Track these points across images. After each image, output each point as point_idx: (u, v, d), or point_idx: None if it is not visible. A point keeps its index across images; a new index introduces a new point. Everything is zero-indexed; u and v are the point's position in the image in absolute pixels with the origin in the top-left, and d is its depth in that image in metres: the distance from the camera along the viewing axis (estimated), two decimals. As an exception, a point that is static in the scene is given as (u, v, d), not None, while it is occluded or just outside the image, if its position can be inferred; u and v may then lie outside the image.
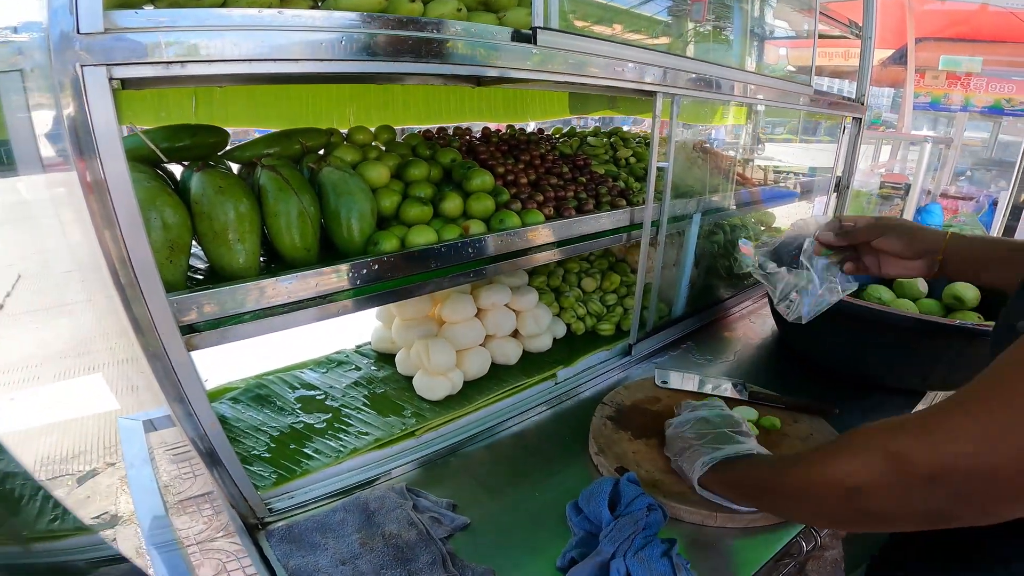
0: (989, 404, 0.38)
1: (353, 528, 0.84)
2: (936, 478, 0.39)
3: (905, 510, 0.43)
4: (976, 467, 0.37)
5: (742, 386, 1.21)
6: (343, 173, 0.90)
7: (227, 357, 1.10)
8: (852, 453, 0.47)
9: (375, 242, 0.89)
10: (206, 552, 0.92)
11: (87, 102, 0.52)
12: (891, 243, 0.90)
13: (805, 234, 1.00)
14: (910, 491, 0.41)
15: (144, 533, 0.90)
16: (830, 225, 0.97)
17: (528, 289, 1.37)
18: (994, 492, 0.38)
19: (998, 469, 0.37)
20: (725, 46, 1.51)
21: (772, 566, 0.82)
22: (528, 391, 1.23)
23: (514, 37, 0.86)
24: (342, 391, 1.22)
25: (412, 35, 0.73)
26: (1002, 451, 0.36)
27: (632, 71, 1.05)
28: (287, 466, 0.97)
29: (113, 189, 0.56)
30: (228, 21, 0.58)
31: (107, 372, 3.14)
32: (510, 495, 0.94)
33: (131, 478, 1.02)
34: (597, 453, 0.99)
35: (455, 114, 1.46)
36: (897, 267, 0.92)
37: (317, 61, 0.65)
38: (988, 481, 0.38)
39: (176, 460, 1.15)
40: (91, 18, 0.49)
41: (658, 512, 0.81)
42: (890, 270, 0.93)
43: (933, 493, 0.40)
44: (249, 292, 0.74)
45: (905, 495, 0.41)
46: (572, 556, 0.78)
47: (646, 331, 1.44)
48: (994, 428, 0.37)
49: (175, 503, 1.09)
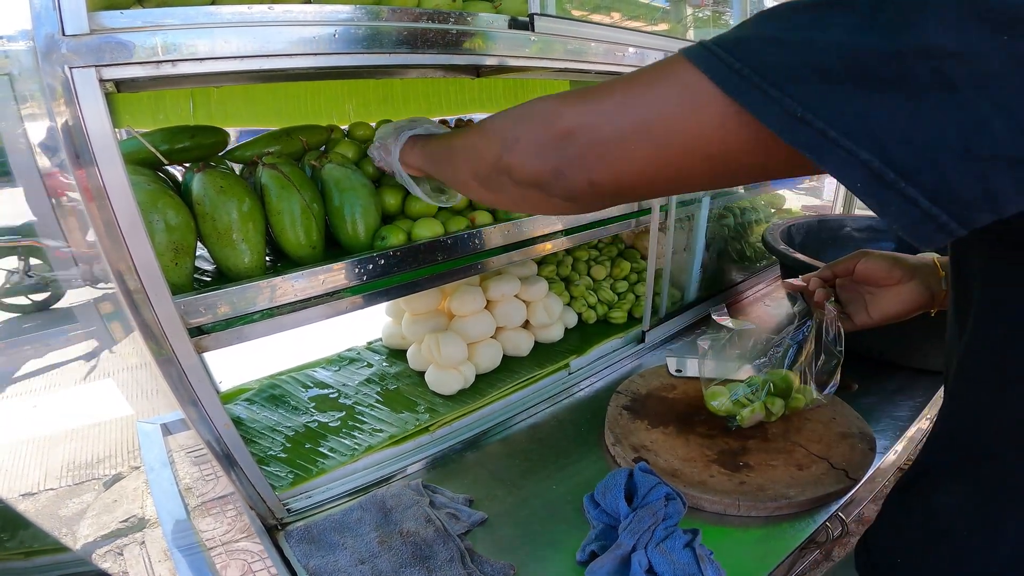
0: (627, 87, 0.42)
1: (371, 527, 0.84)
2: (568, 135, 0.44)
3: (536, 167, 0.47)
4: (597, 131, 0.43)
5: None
6: (345, 169, 0.89)
7: (242, 358, 1.11)
8: (519, 112, 0.52)
9: (382, 237, 0.88)
10: (231, 553, 0.93)
11: (79, 105, 0.51)
12: (872, 266, 0.80)
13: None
14: (545, 149, 0.46)
15: (167, 536, 0.90)
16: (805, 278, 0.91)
17: (537, 279, 1.36)
18: (601, 156, 0.43)
19: (608, 139, 0.42)
20: (725, 30, 1.48)
21: (797, 554, 0.80)
22: (541, 382, 1.22)
23: (511, 24, 0.84)
24: (355, 388, 1.22)
25: (407, 26, 0.72)
26: (616, 123, 0.41)
27: (633, 56, 1.03)
28: (303, 466, 0.96)
29: (112, 193, 0.56)
30: (218, 18, 0.57)
31: (122, 377, 3.18)
32: (527, 488, 0.93)
33: (152, 482, 1.03)
34: (613, 443, 0.98)
35: (456, 106, 1.44)
36: (887, 301, 0.80)
37: (311, 56, 0.64)
38: (599, 145, 0.43)
39: (198, 462, 1.16)
40: (76, 19, 0.48)
41: (677, 502, 0.80)
42: (881, 307, 0.81)
43: (559, 149, 0.45)
44: (256, 291, 0.74)
45: (540, 152, 0.46)
46: (592, 549, 0.77)
47: (659, 317, 1.42)
48: (620, 104, 0.41)
49: (198, 505, 1.10)
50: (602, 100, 0.43)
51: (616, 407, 1.07)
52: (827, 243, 1.56)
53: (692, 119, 0.38)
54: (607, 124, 0.42)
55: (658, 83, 0.40)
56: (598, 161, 0.43)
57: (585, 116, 0.43)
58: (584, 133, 0.43)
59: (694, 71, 0.37)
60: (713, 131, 0.37)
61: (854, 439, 0.95)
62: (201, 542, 0.92)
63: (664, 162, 0.41)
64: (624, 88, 0.42)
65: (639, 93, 0.41)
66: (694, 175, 0.41)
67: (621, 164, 0.42)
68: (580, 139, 0.44)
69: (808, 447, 0.94)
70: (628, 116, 0.41)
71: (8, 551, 0.39)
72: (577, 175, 0.45)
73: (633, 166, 0.42)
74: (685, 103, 0.38)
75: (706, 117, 0.37)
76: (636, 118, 0.41)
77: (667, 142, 0.40)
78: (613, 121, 0.42)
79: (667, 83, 0.39)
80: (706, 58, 0.37)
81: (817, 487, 0.85)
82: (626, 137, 0.41)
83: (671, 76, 0.39)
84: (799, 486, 0.85)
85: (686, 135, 0.39)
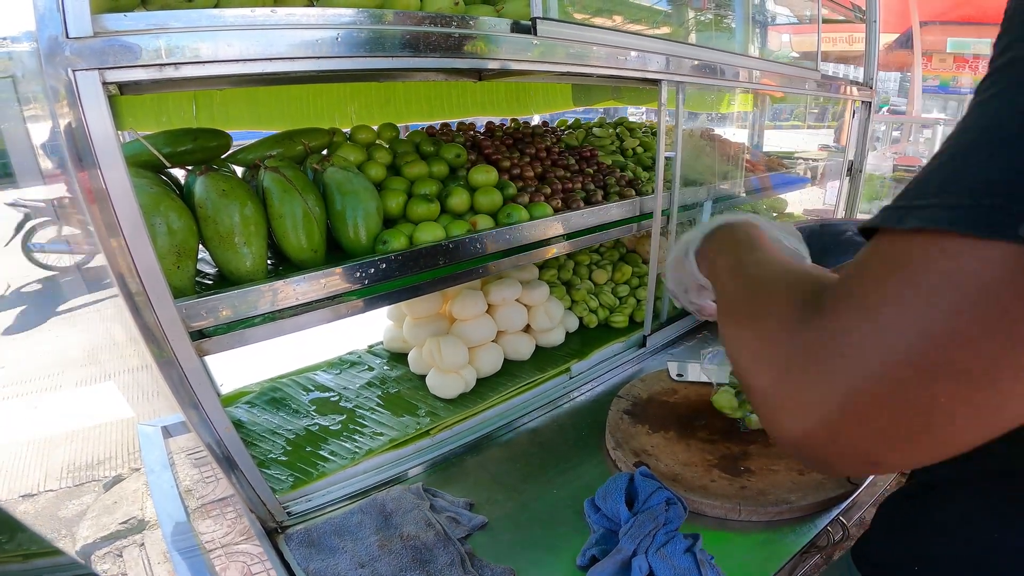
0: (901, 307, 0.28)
1: (371, 530, 0.84)
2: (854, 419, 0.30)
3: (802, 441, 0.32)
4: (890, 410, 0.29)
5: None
6: (347, 173, 0.89)
7: (243, 361, 1.11)
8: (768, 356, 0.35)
9: (384, 241, 0.88)
10: (231, 556, 0.93)
11: (82, 108, 0.51)
12: None
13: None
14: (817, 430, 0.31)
15: (167, 538, 0.90)
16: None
17: (539, 283, 1.36)
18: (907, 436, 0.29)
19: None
20: (727, 34, 1.48)
21: (798, 558, 0.80)
22: (542, 386, 1.21)
23: (514, 28, 0.84)
24: (356, 392, 1.22)
25: (409, 30, 0.72)
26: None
27: (635, 60, 1.03)
28: (304, 469, 0.96)
29: (114, 196, 0.56)
30: (221, 22, 0.58)
31: (123, 379, 3.19)
32: (527, 493, 0.92)
33: (152, 484, 1.03)
34: (614, 448, 0.98)
35: (458, 109, 1.45)
36: None
37: (313, 59, 0.64)
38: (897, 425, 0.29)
39: (198, 464, 1.16)
40: (79, 22, 0.48)
41: (678, 506, 0.79)
42: None
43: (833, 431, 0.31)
44: (258, 295, 0.73)
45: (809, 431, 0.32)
46: (592, 554, 0.76)
47: (660, 322, 1.42)
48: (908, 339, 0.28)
49: (198, 507, 1.10)
50: (859, 353, 0.29)
51: (617, 411, 1.07)
52: (829, 247, 1.56)
53: (996, 309, 0.26)
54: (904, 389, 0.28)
55: (922, 286, 0.27)
56: (892, 439, 0.29)
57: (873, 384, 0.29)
58: (867, 418, 0.29)
59: (958, 241, 0.26)
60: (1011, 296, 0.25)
61: (856, 444, 0.95)
62: (201, 544, 0.92)
63: (987, 390, 0.27)
64: (873, 319, 0.29)
65: (904, 318, 0.27)
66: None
67: (925, 430, 0.28)
68: (860, 427, 0.30)
69: (809, 452, 0.94)
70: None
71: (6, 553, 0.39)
72: (866, 458, 0.32)
73: (943, 427, 0.28)
74: (982, 293, 0.26)
75: (997, 286, 0.25)
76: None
77: (980, 366, 0.26)
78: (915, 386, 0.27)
79: (937, 278, 0.27)
80: (965, 215, 0.26)
81: (818, 492, 0.85)
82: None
83: (932, 264, 0.27)
84: (800, 491, 0.85)
85: (988, 338, 0.26)
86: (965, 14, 5.96)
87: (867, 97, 1.94)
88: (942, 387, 0.27)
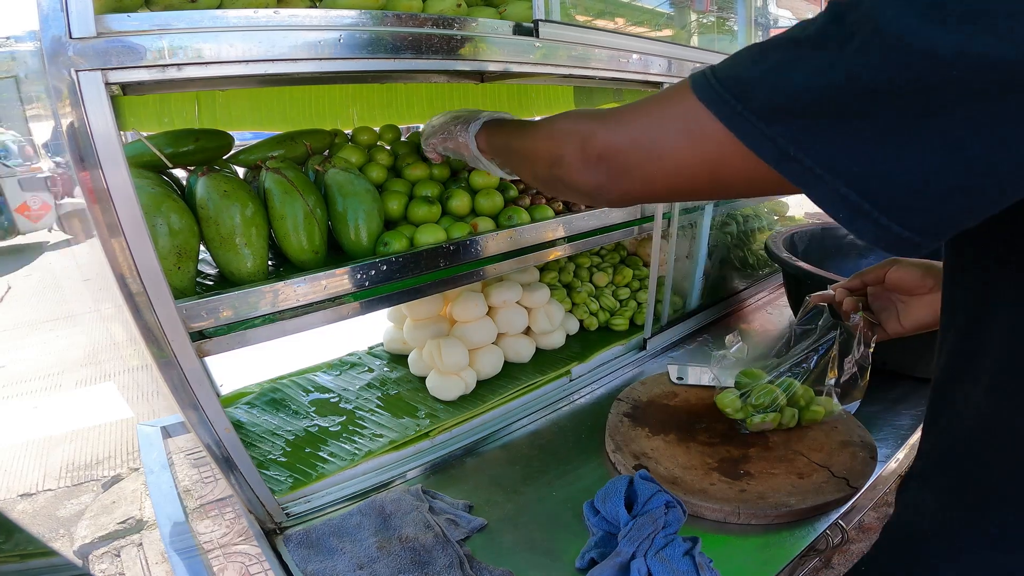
0: (645, 114, 0.49)
1: (370, 532, 0.83)
2: (602, 158, 0.52)
3: (583, 180, 0.54)
4: (624, 156, 0.49)
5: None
6: (348, 174, 0.89)
7: (243, 362, 1.11)
8: (561, 132, 0.58)
9: (385, 242, 0.88)
10: (229, 556, 0.93)
11: (84, 108, 0.51)
12: (903, 274, 0.78)
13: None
14: (587, 166, 0.53)
15: (165, 538, 0.90)
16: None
17: (539, 285, 1.36)
18: (629, 174, 0.50)
19: (633, 163, 0.49)
20: (729, 36, 1.48)
21: (797, 562, 0.80)
22: (542, 389, 1.21)
23: (516, 31, 0.85)
24: (356, 393, 1.22)
25: (411, 31, 0.72)
26: (638, 148, 0.48)
27: (637, 62, 1.03)
28: (303, 470, 0.96)
29: (116, 196, 0.56)
30: (224, 22, 0.58)
31: (123, 379, 3.19)
32: (527, 495, 0.92)
33: (151, 484, 1.03)
34: (614, 451, 0.98)
35: (460, 111, 1.45)
36: (919, 309, 0.79)
37: (316, 60, 0.65)
38: (627, 166, 0.50)
39: (197, 464, 1.16)
40: (83, 22, 0.49)
41: (677, 509, 0.79)
42: (913, 316, 0.80)
43: (596, 169, 0.52)
44: (259, 296, 0.74)
45: (584, 169, 0.54)
46: (591, 557, 0.76)
47: (661, 325, 1.42)
48: (640, 130, 0.48)
49: (197, 507, 1.10)
50: (627, 126, 0.50)
51: (617, 414, 1.07)
52: (830, 251, 1.56)
53: (698, 148, 0.44)
54: (632, 149, 0.49)
55: (669, 113, 0.46)
56: (628, 178, 0.50)
57: (614, 140, 0.51)
58: (614, 156, 0.51)
59: (699, 105, 0.42)
60: (717, 157, 0.43)
61: (855, 448, 0.95)
62: (199, 545, 0.92)
63: (679, 180, 0.47)
64: (643, 114, 0.49)
65: (655, 121, 0.47)
66: (702, 190, 0.48)
67: (646, 181, 0.49)
68: (611, 161, 0.51)
69: (809, 455, 0.94)
70: (647, 141, 0.47)
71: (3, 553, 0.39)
72: (613, 188, 0.52)
73: (655, 183, 0.49)
74: (693, 133, 0.44)
75: (711, 146, 0.43)
76: (653, 144, 0.47)
77: (677, 165, 0.46)
78: (636, 145, 0.48)
79: (676, 113, 0.45)
80: (709, 93, 0.42)
81: (818, 495, 0.85)
82: (646, 160, 0.48)
83: (679, 106, 0.45)
84: (800, 494, 0.85)
85: (693, 160, 0.45)
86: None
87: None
88: (640, 159, 0.48)
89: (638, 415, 1.07)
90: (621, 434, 1.01)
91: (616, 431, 1.02)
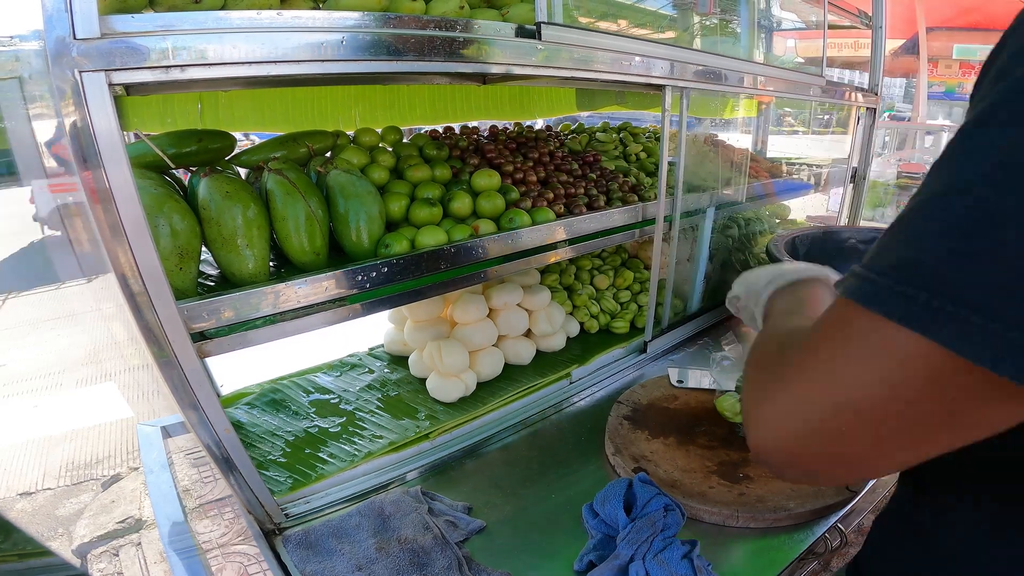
0: (828, 369, 0.36)
1: (369, 533, 0.83)
2: (794, 454, 0.38)
3: (772, 457, 0.40)
4: (821, 444, 0.36)
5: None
6: (350, 176, 0.89)
7: (243, 362, 1.11)
8: (754, 395, 0.43)
9: (386, 244, 0.88)
10: (228, 556, 0.93)
11: (88, 109, 0.51)
12: None
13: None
14: (776, 449, 0.39)
15: (164, 538, 0.90)
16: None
17: (540, 288, 1.36)
18: (832, 460, 0.38)
19: (838, 451, 0.36)
20: (733, 38, 1.48)
21: (796, 565, 0.80)
22: (542, 391, 1.21)
23: (518, 33, 0.85)
24: (356, 394, 1.22)
25: (414, 33, 0.72)
26: (838, 422, 0.35)
27: (639, 65, 1.03)
28: (302, 471, 0.96)
29: (118, 197, 0.56)
30: (227, 24, 0.58)
31: (123, 379, 3.19)
32: (526, 497, 0.92)
33: (150, 484, 1.03)
34: (614, 453, 0.98)
35: (461, 113, 1.45)
36: None
37: (318, 62, 0.65)
38: (828, 453, 0.37)
39: (196, 464, 1.16)
40: (87, 23, 0.49)
41: (676, 513, 0.79)
42: None
43: (790, 456, 0.39)
44: (260, 297, 0.74)
45: (774, 448, 0.39)
46: (590, 559, 0.76)
47: (661, 328, 1.42)
48: (835, 398, 0.35)
49: (196, 507, 1.10)
50: (811, 396, 0.36)
51: (617, 417, 1.07)
52: (832, 254, 1.56)
53: (909, 386, 0.31)
54: (829, 430, 0.35)
55: (857, 355, 0.33)
56: (833, 463, 0.37)
57: (801, 423, 0.36)
58: (812, 444, 0.36)
59: (884, 324, 0.31)
60: (937, 390, 0.30)
61: (856, 453, 0.95)
62: (198, 544, 0.92)
63: (900, 440, 0.34)
64: (826, 372, 0.35)
65: (844, 377, 0.34)
66: (938, 442, 0.34)
67: (856, 461, 0.36)
68: (807, 450, 0.37)
69: (809, 460, 0.94)
70: (847, 408, 0.34)
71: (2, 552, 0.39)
72: (814, 474, 0.40)
73: (869, 461, 0.36)
74: (898, 371, 0.31)
75: (931, 378, 0.30)
76: (854, 408, 0.34)
77: (895, 425, 0.33)
78: (834, 419, 0.35)
79: (867, 351, 0.32)
80: (892, 301, 0.30)
81: (817, 499, 0.84)
82: (852, 433, 0.34)
83: (865, 340, 0.32)
84: (798, 498, 0.85)
85: (903, 405, 0.32)
86: (972, 20, 5.95)
87: (872, 103, 1.94)
88: (854, 427, 0.34)
89: (638, 418, 1.07)
90: (621, 437, 1.01)
91: (616, 434, 1.02)
